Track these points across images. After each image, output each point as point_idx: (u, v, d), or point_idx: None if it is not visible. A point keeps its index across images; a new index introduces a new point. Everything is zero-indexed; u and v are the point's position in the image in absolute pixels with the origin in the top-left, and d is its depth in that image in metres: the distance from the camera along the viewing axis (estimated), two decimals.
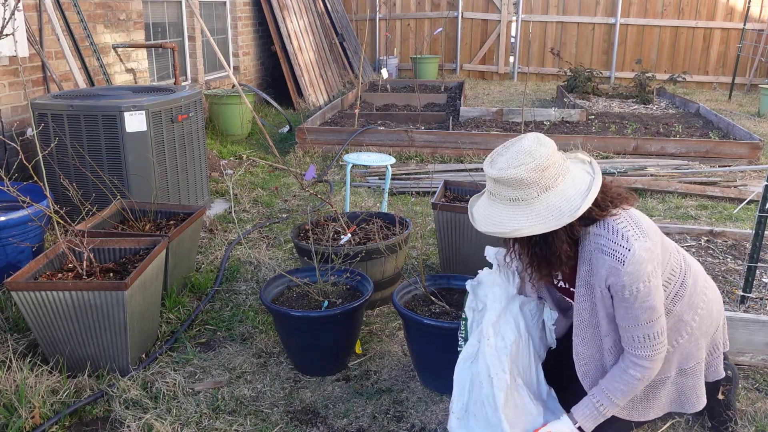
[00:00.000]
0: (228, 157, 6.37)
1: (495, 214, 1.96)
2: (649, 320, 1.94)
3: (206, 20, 8.04)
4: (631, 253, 1.88)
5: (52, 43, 4.92)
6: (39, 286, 2.56)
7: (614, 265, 1.89)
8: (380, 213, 3.76)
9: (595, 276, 1.97)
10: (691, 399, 2.18)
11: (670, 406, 2.19)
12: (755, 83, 11.05)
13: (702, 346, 2.15)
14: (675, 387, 2.17)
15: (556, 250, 1.94)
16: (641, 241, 1.90)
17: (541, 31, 12.10)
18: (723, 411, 2.39)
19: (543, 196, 1.89)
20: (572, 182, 1.94)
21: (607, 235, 1.93)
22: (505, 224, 1.92)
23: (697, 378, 2.16)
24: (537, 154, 1.90)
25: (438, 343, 2.59)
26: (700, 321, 2.12)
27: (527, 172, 1.88)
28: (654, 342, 1.97)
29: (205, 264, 3.90)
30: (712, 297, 2.19)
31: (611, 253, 1.90)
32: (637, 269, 1.88)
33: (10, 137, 4.16)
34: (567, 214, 1.87)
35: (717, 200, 5.19)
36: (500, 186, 1.93)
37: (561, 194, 1.90)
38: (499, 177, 1.91)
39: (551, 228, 1.88)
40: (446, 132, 6.44)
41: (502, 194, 1.94)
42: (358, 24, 12.55)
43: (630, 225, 1.94)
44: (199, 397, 2.62)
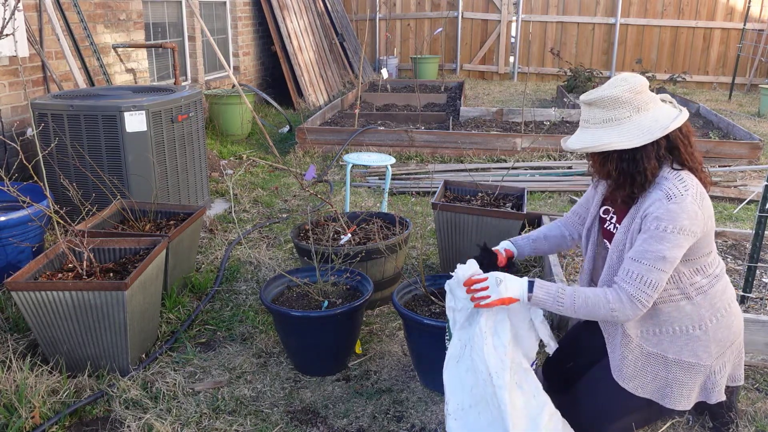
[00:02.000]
0: (228, 157, 6.37)
1: (587, 136, 2.08)
2: (652, 265, 1.98)
3: (206, 20, 8.04)
4: (682, 197, 1.98)
5: (52, 43, 4.92)
6: (39, 286, 2.56)
7: (661, 198, 2.00)
8: (380, 213, 3.76)
9: (641, 208, 2.06)
10: (674, 393, 2.14)
11: (656, 391, 2.16)
12: (755, 83, 11.05)
13: (711, 352, 2.13)
14: (667, 373, 2.14)
15: (642, 166, 2.03)
16: (694, 201, 1.98)
17: (541, 31, 12.10)
18: (725, 412, 2.39)
19: (635, 116, 2.03)
20: (662, 109, 2.07)
21: (672, 179, 2.03)
22: (599, 139, 2.04)
23: (689, 377, 2.13)
24: (632, 79, 2.05)
25: (438, 343, 2.59)
26: (717, 324, 2.13)
27: (622, 92, 2.02)
28: (644, 287, 1.99)
29: (205, 264, 3.90)
30: (735, 314, 2.20)
31: (665, 189, 2.01)
32: (677, 212, 1.96)
33: (10, 137, 4.16)
34: (657, 130, 2.00)
35: (717, 200, 5.19)
36: (594, 109, 2.06)
37: (652, 116, 2.03)
38: (596, 98, 2.05)
39: (643, 142, 2.00)
40: (446, 132, 6.44)
41: (596, 117, 2.06)
42: (358, 24, 12.55)
43: (695, 185, 2.03)
44: (199, 397, 2.62)
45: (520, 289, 2.07)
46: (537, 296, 2.06)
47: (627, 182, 2.07)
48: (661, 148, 2.03)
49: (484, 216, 3.51)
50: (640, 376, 2.14)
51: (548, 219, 4.10)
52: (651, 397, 2.15)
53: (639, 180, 2.05)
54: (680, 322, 2.10)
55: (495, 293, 2.06)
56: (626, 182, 2.07)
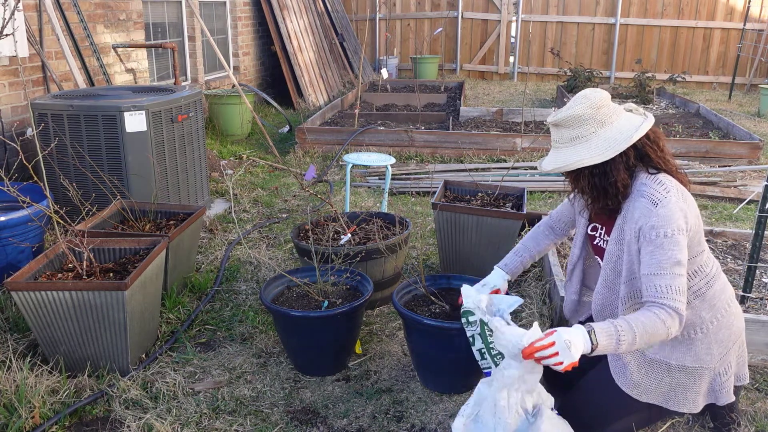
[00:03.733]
0: (228, 157, 6.37)
1: (558, 156, 2.15)
2: (672, 271, 1.96)
3: (206, 20, 8.04)
4: (666, 199, 2.01)
5: (52, 43, 4.92)
6: (39, 286, 2.56)
7: (647, 205, 2.03)
8: (380, 213, 3.76)
9: (628, 219, 2.09)
10: (679, 397, 2.14)
11: (659, 396, 2.15)
12: (755, 83, 11.05)
13: (714, 354, 2.13)
14: (670, 379, 2.14)
15: (613, 178, 2.08)
16: (678, 200, 2.02)
17: (541, 31, 12.09)
18: (726, 413, 2.38)
19: (600, 131, 2.08)
20: (626, 120, 2.11)
21: (651, 184, 2.07)
22: (568, 158, 2.10)
23: (693, 381, 2.14)
24: (592, 95, 2.10)
25: (438, 343, 2.59)
26: (718, 326, 2.13)
27: (583, 110, 2.07)
28: (678, 296, 1.95)
29: (205, 264, 3.90)
30: (735, 313, 2.21)
31: (648, 196, 2.04)
32: (668, 214, 1.99)
33: (10, 137, 4.16)
34: (622, 142, 2.05)
35: (717, 200, 5.19)
36: (561, 130, 2.13)
37: (617, 128, 2.08)
38: (560, 119, 2.11)
39: (608, 156, 2.04)
40: (446, 132, 6.44)
41: (563, 137, 2.13)
42: (358, 24, 12.55)
43: (675, 186, 2.06)
44: (199, 397, 2.62)
45: (585, 345, 1.91)
46: (601, 345, 1.92)
47: (601, 195, 2.13)
48: (630, 158, 2.08)
49: (484, 216, 3.51)
50: (644, 383, 2.14)
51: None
52: (655, 402, 2.15)
53: (611, 191, 2.10)
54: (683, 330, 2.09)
55: (567, 357, 1.86)
56: (600, 195, 2.13)
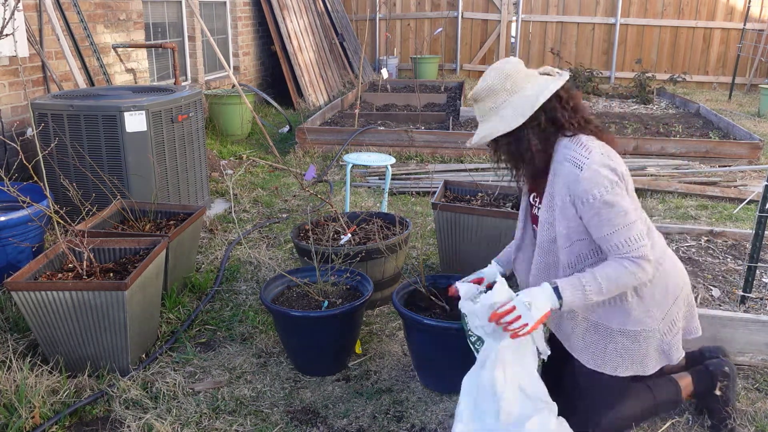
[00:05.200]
0: (228, 157, 6.37)
1: (479, 130, 2.17)
2: (624, 223, 1.99)
3: (206, 20, 8.04)
4: (589, 160, 2.01)
5: (52, 43, 4.92)
6: (39, 286, 2.56)
7: (572, 170, 2.03)
8: (380, 213, 3.76)
9: (556, 185, 2.09)
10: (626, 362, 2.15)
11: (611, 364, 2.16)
12: (755, 83, 11.05)
13: (654, 316, 2.14)
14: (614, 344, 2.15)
15: (526, 143, 2.09)
16: (602, 156, 2.02)
17: (541, 31, 12.09)
18: (722, 408, 2.39)
19: (510, 99, 2.08)
20: (537, 84, 2.10)
21: (573, 146, 2.07)
22: (484, 130, 2.13)
23: (639, 345, 2.14)
24: (500, 65, 2.13)
25: (438, 343, 2.59)
26: (652, 288, 2.13)
27: (493, 80, 2.10)
28: (638, 244, 2.00)
29: (205, 264, 3.90)
30: (668, 270, 2.19)
31: (571, 160, 2.04)
32: (594, 175, 1.99)
33: (10, 137, 4.16)
34: (528, 107, 2.05)
35: (717, 200, 5.19)
36: (479, 104, 2.15)
37: (527, 93, 2.08)
38: (474, 93, 2.15)
39: (517, 123, 2.05)
40: (446, 132, 6.44)
41: (482, 110, 2.15)
42: (358, 24, 12.55)
43: (598, 145, 2.07)
44: (199, 397, 2.62)
45: (551, 301, 2.02)
46: (567, 299, 2.01)
47: (519, 162, 2.16)
48: (541, 121, 2.08)
49: (484, 216, 3.51)
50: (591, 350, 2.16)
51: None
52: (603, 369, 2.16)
53: (527, 156, 2.11)
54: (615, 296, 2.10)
55: (530, 318, 1.99)
56: (518, 162, 2.16)
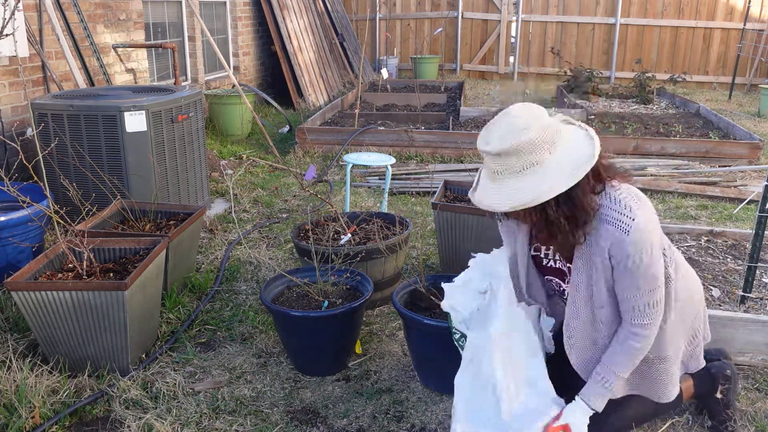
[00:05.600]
0: (228, 157, 6.37)
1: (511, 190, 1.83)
2: (650, 289, 1.96)
3: (206, 20, 8.04)
4: (636, 222, 1.88)
5: (52, 43, 4.92)
6: (39, 286, 2.56)
7: (618, 235, 1.88)
8: (380, 213, 3.76)
9: (596, 246, 1.94)
10: (662, 387, 2.16)
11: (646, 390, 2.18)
12: (755, 83, 11.05)
13: (680, 334, 2.15)
14: (651, 370, 2.15)
15: (582, 203, 1.85)
16: (643, 211, 1.91)
17: (541, 31, 12.09)
18: (722, 410, 2.40)
19: (554, 153, 1.82)
20: (572, 135, 1.90)
21: (609, 204, 1.91)
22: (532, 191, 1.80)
23: (671, 365, 2.15)
24: (535, 113, 1.86)
25: (438, 343, 2.59)
26: (682, 306, 2.13)
27: (536, 133, 1.80)
28: (654, 310, 1.99)
29: (205, 264, 3.90)
30: (692, 285, 2.21)
31: (615, 223, 1.89)
32: (641, 238, 1.88)
33: (10, 137, 4.16)
34: (585, 160, 1.82)
35: (717, 200, 5.19)
36: (509, 158, 1.81)
37: (570, 146, 1.85)
38: (510, 148, 1.80)
39: (579, 177, 1.79)
40: (446, 132, 6.44)
41: (512, 167, 1.82)
42: (358, 24, 12.55)
43: (631, 196, 1.94)
44: (199, 397, 2.62)
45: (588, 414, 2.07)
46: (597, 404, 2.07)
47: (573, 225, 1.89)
48: (590, 178, 1.86)
49: (484, 216, 3.50)
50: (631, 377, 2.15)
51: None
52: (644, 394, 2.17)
53: (581, 219, 1.88)
54: None
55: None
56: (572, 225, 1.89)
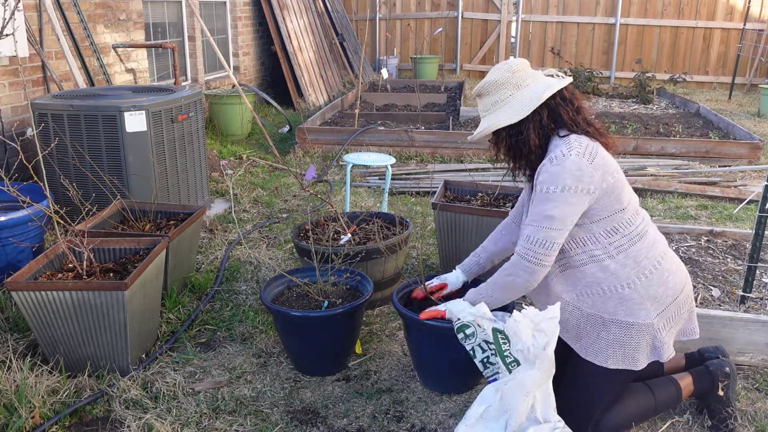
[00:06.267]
0: (228, 157, 6.37)
1: (482, 123, 2.26)
2: (539, 224, 2.11)
3: (206, 20, 8.04)
4: (564, 158, 2.09)
5: (52, 43, 4.92)
6: (39, 286, 2.56)
7: (546, 163, 2.13)
8: (380, 213, 3.76)
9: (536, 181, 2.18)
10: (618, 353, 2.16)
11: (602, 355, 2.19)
12: (755, 83, 11.05)
13: (648, 309, 2.15)
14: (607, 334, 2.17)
15: (525, 137, 2.18)
16: (580, 159, 2.08)
17: (541, 31, 12.10)
18: (722, 408, 2.40)
19: (516, 93, 2.18)
20: (542, 82, 2.20)
21: (560, 144, 2.16)
22: (488, 122, 2.23)
23: (631, 338, 2.15)
24: (508, 62, 2.23)
25: (438, 343, 2.59)
26: (648, 282, 2.16)
27: (500, 74, 2.20)
28: (531, 246, 2.13)
29: (205, 264, 3.90)
30: (670, 269, 2.22)
31: (550, 156, 2.14)
32: (558, 172, 2.08)
33: (10, 137, 4.16)
34: (533, 101, 2.14)
35: (717, 200, 5.19)
36: (484, 98, 2.25)
37: (532, 90, 2.17)
38: (480, 87, 2.24)
39: (520, 116, 2.15)
40: (446, 132, 6.44)
41: (485, 105, 2.25)
42: (358, 24, 12.55)
43: (585, 147, 2.12)
44: (199, 397, 2.62)
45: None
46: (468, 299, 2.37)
47: (517, 155, 2.24)
48: (543, 117, 2.16)
49: (484, 216, 3.51)
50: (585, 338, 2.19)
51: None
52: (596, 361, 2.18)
53: (525, 150, 2.20)
54: (607, 282, 2.15)
55: None
56: (516, 155, 2.24)
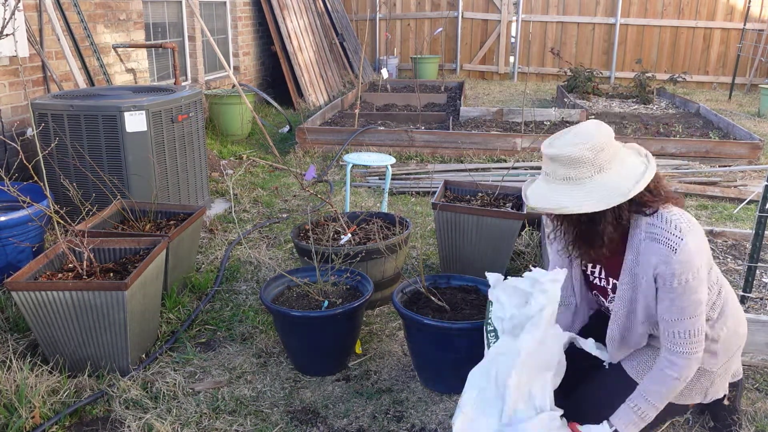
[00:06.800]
0: (228, 157, 6.37)
1: (546, 192, 1.99)
2: (693, 314, 1.96)
3: (206, 20, 8.04)
4: (684, 242, 1.91)
5: (52, 43, 4.92)
6: (39, 286, 2.56)
7: (666, 252, 1.92)
8: (380, 213, 3.76)
9: (642, 264, 1.99)
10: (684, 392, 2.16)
11: None
12: (755, 83, 11.05)
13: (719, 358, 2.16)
14: None
15: (601, 231, 1.97)
16: (693, 234, 1.94)
17: (541, 31, 12.10)
18: (727, 415, 2.40)
19: (597, 176, 1.92)
20: (627, 167, 1.96)
21: (660, 224, 1.96)
22: (556, 200, 1.94)
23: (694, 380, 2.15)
24: (595, 134, 1.94)
25: (438, 343, 2.59)
26: (728, 333, 2.15)
27: (582, 151, 1.91)
28: (694, 339, 1.98)
29: (205, 264, 3.90)
30: (741, 318, 2.24)
31: (664, 242, 1.93)
32: (689, 259, 1.91)
33: (11, 137, 4.15)
34: (618, 194, 1.89)
35: (717, 200, 5.19)
36: (556, 165, 1.96)
37: (614, 176, 1.92)
38: (556, 155, 1.94)
39: (600, 207, 1.89)
40: (446, 132, 6.44)
41: (557, 173, 1.96)
42: (358, 24, 12.55)
43: (683, 218, 1.97)
44: (199, 397, 2.62)
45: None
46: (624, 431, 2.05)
47: (584, 244, 2.05)
48: (623, 210, 1.95)
49: (484, 216, 3.51)
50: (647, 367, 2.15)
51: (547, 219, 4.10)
52: None
53: (597, 243, 2.00)
54: None
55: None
56: (583, 244, 2.05)
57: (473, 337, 2.50)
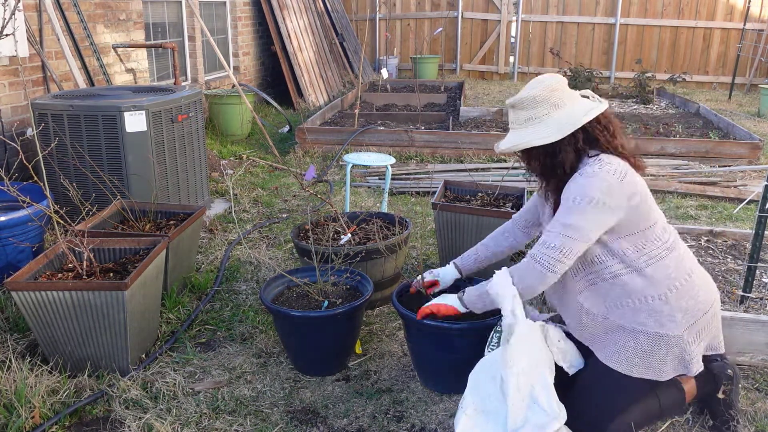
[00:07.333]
0: (228, 157, 6.37)
1: (513, 136, 2.26)
2: (559, 231, 2.14)
3: (206, 20, 8.04)
4: (593, 173, 2.11)
5: (52, 43, 4.92)
6: (39, 286, 2.56)
7: (576, 176, 2.16)
8: (380, 213, 3.76)
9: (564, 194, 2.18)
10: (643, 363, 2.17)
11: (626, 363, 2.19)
12: (755, 83, 11.05)
13: (678, 321, 2.16)
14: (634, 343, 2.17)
15: (561, 158, 2.19)
16: (610, 177, 2.10)
17: (541, 31, 12.10)
18: (725, 411, 2.39)
19: (553, 113, 2.18)
20: (580, 104, 2.20)
21: (591, 162, 2.17)
22: (521, 138, 2.21)
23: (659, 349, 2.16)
24: (548, 79, 2.22)
25: (438, 343, 2.59)
26: (678, 294, 2.17)
27: (539, 92, 2.18)
28: (545, 250, 2.16)
29: (205, 264, 3.90)
30: (700, 284, 2.24)
31: (581, 171, 2.16)
32: (586, 184, 2.10)
33: (10, 137, 4.15)
34: (571, 124, 2.15)
35: (717, 200, 5.19)
36: (517, 111, 2.24)
37: (568, 111, 2.18)
38: (516, 100, 2.23)
39: (557, 137, 2.15)
40: (446, 132, 6.44)
41: (519, 118, 2.24)
42: (358, 24, 12.55)
43: (616, 166, 2.13)
44: (199, 397, 2.62)
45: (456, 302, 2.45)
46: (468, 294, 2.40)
47: (549, 174, 2.26)
48: (579, 140, 2.17)
49: (484, 216, 3.51)
50: (610, 348, 2.19)
51: None
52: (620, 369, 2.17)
53: (559, 171, 2.21)
54: (637, 294, 2.16)
55: None
56: (548, 174, 2.27)
57: (473, 338, 2.50)
